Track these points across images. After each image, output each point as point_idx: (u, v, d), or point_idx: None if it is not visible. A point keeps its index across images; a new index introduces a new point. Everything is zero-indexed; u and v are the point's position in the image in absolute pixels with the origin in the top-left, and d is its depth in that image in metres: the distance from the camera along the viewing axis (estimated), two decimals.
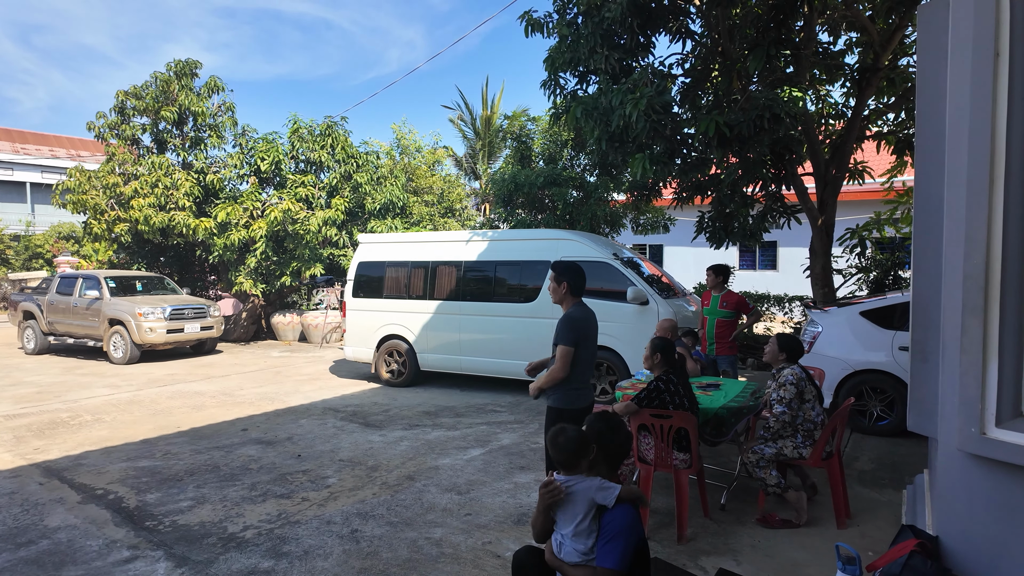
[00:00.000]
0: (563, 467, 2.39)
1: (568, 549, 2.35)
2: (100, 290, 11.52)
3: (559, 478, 2.38)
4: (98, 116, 13.79)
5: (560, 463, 2.39)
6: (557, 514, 2.38)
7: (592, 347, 3.61)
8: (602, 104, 6.51)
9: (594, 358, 3.70)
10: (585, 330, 3.53)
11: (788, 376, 4.04)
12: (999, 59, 1.95)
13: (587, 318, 3.55)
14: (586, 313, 3.56)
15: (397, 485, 4.79)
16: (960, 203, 2.07)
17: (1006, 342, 1.97)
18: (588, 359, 3.60)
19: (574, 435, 2.41)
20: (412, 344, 8.74)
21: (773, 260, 17.11)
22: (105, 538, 3.88)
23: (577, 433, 2.42)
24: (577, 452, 2.38)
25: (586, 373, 3.62)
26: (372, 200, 13.97)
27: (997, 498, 2.05)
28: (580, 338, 3.49)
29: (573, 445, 2.38)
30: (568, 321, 3.48)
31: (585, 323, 3.53)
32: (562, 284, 3.55)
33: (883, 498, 4.50)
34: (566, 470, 2.38)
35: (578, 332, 3.47)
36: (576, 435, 2.41)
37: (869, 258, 9.72)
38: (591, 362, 3.66)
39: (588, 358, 3.60)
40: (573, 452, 2.38)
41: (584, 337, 3.52)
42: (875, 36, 7.08)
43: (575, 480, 2.36)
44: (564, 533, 2.36)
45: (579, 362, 3.51)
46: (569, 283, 3.54)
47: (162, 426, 6.62)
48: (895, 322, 6.00)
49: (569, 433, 2.42)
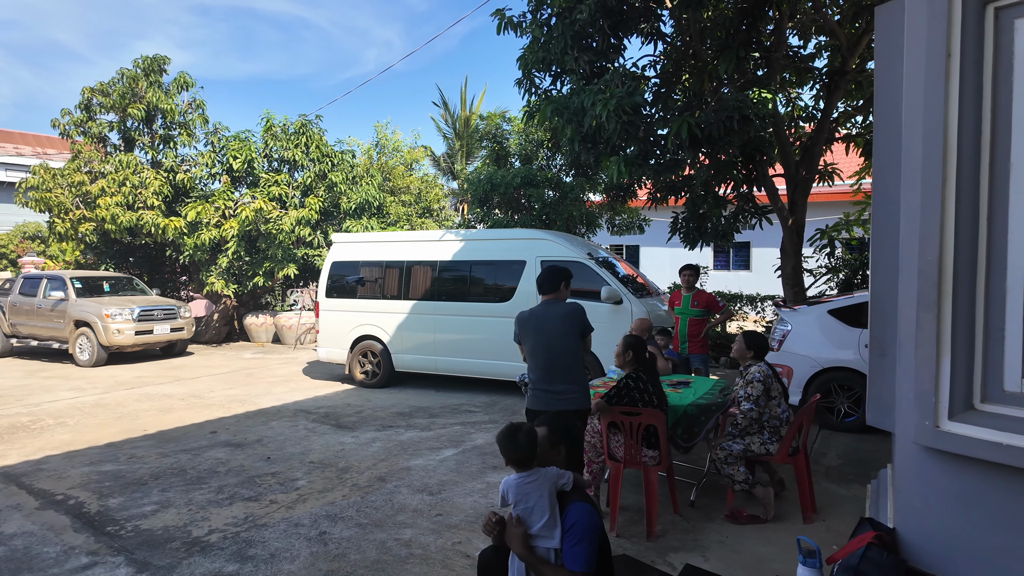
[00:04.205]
0: (517, 465, 2.41)
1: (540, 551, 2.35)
2: (66, 291, 11.22)
3: (514, 477, 2.40)
4: (63, 113, 13.44)
5: (515, 462, 2.42)
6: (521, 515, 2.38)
7: (542, 344, 3.60)
8: (574, 104, 6.52)
9: (553, 358, 3.59)
10: (523, 326, 3.68)
11: (755, 373, 4.09)
12: (951, 59, 1.99)
13: (532, 314, 3.68)
14: (536, 310, 3.69)
15: (368, 486, 4.74)
16: (915, 201, 2.11)
17: (958, 336, 2.02)
18: (538, 356, 3.62)
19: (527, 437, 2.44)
20: (387, 345, 8.67)
21: (746, 260, 17.34)
22: (63, 544, 3.77)
23: (529, 432, 2.44)
24: (528, 449, 2.42)
25: (537, 373, 3.64)
26: (347, 200, 13.83)
27: (951, 490, 2.09)
28: (517, 334, 3.71)
29: (525, 443, 2.43)
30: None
31: (522, 321, 3.70)
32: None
33: (849, 493, 4.58)
34: (520, 467, 2.41)
35: (516, 328, 3.73)
36: (527, 435, 2.43)
37: (838, 258, 9.91)
38: (544, 362, 3.60)
39: (538, 354, 3.62)
40: (524, 449, 2.41)
41: (523, 334, 3.68)
42: (843, 40, 7.21)
43: (534, 475, 2.38)
44: (530, 534, 2.36)
45: (530, 359, 3.66)
46: (537, 283, 3.79)
47: (128, 429, 6.46)
48: (862, 320, 6.11)
49: (523, 434, 2.44)
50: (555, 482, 2.39)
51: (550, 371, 3.58)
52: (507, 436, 2.43)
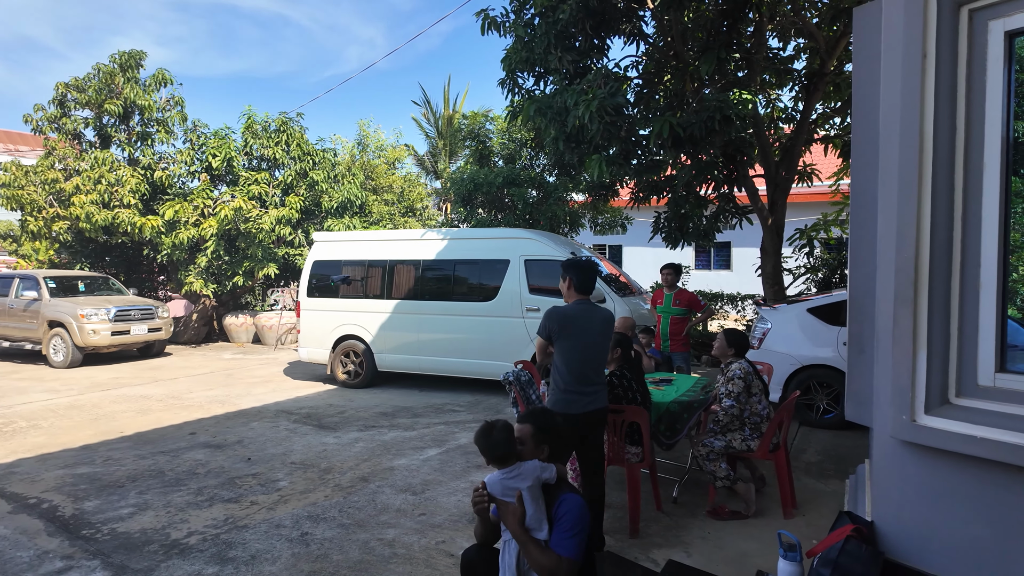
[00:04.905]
0: (497, 462, 2.43)
1: None
2: (39, 290, 10.98)
3: (496, 475, 2.42)
4: (36, 109, 13.15)
5: (495, 459, 2.43)
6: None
7: (581, 347, 3.36)
8: (557, 104, 6.54)
9: (590, 362, 3.41)
10: (563, 325, 3.34)
11: (736, 371, 4.13)
12: (926, 60, 2.02)
13: (575, 314, 3.37)
14: (578, 310, 3.39)
15: (350, 487, 4.70)
16: (892, 198, 2.15)
17: (934, 332, 2.05)
18: (575, 359, 3.35)
19: (503, 433, 2.45)
20: (369, 344, 8.61)
21: (727, 260, 17.52)
22: (37, 548, 3.68)
23: (504, 428, 2.46)
24: (506, 445, 2.43)
25: (572, 376, 3.35)
26: (329, 198, 13.71)
27: (927, 482, 2.13)
28: (555, 331, 3.34)
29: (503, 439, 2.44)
30: (547, 312, 3.42)
31: (564, 318, 3.35)
32: (566, 280, 3.50)
33: (828, 488, 4.65)
34: (501, 464, 2.42)
35: (551, 324, 3.35)
36: (503, 430, 2.45)
37: (817, 257, 10.06)
38: (581, 365, 3.37)
39: (575, 358, 3.35)
40: (502, 445, 2.43)
41: (563, 333, 3.34)
42: (821, 43, 7.32)
43: (516, 470, 2.40)
44: None
45: (564, 361, 3.35)
46: (573, 279, 3.47)
47: (104, 431, 6.34)
48: (841, 318, 6.20)
49: (498, 430, 2.46)
50: (539, 476, 2.40)
51: (585, 374, 3.38)
52: (484, 435, 2.44)
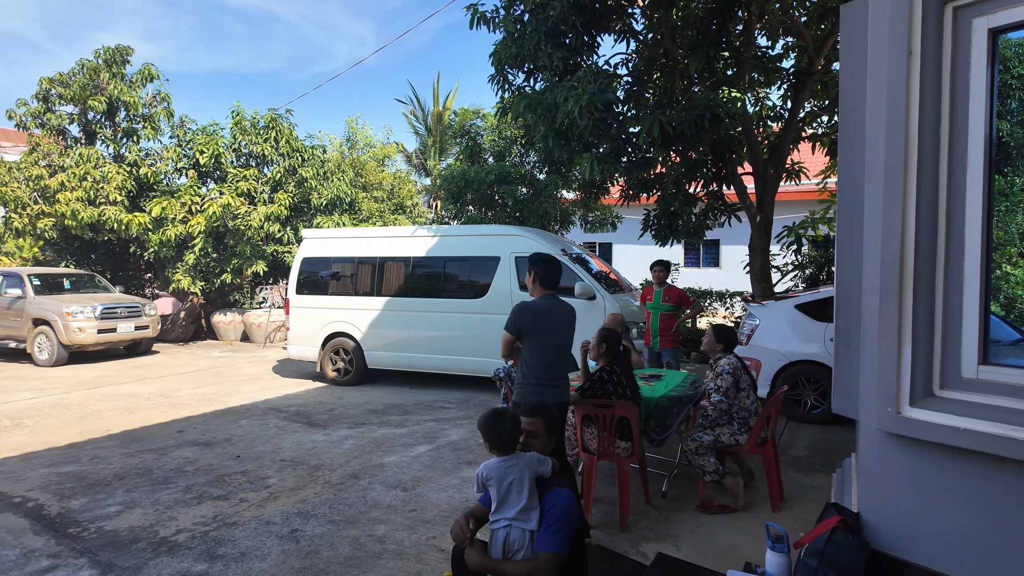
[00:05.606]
0: (501, 450, 2.47)
1: (516, 534, 2.37)
2: (23, 288, 10.84)
3: (496, 460, 2.46)
4: (19, 104, 12.92)
5: (499, 447, 2.47)
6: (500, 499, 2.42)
7: (551, 341, 3.44)
8: (547, 100, 6.55)
9: (559, 355, 3.49)
10: (535, 320, 3.39)
11: (725, 366, 4.17)
12: (912, 57, 2.05)
13: (544, 309, 3.42)
14: (547, 305, 3.44)
15: (340, 484, 4.69)
16: (878, 194, 2.18)
17: (919, 326, 2.08)
18: (546, 353, 3.43)
19: (512, 422, 2.51)
20: (359, 342, 8.58)
21: (716, 258, 17.62)
22: (23, 547, 3.65)
23: (513, 418, 2.51)
24: (513, 435, 2.49)
25: (543, 369, 3.42)
26: (318, 195, 13.64)
27: (911, 474, 2.16)
28: (527, 327, 3.39)
29: (511, 428, 2.49)
30: (516, 308, 3.44)
31: (535, 314, 3.40)
32: (531, 274, 3.53)
33: (815, 482, 4.70)
34: (504, 452, 2.47)
35: (523, 320, 3.39)
36: (512, 419, 2.50)
37: (805, 255, 10.15)
38: (552, 358, 3.46)
39: (546, 352, 3.43)
40: (510, 434, 2.48)
41: (534, 328, 3.39)
42: (809, 41, 7.38)
43: (514, 459, 2.44)
44: (508, 517, 2.39)
45: (535, 356, 3.40)
46: (539, 274, 3.50)
47: (90, 430, 6.28)
48: (828, 315, 6.26)
49: (508, 419, 2.51)
50: (535, 468, 2.45)
51: (554, 367, 3.47)
52: (493, 421, 2.47)
